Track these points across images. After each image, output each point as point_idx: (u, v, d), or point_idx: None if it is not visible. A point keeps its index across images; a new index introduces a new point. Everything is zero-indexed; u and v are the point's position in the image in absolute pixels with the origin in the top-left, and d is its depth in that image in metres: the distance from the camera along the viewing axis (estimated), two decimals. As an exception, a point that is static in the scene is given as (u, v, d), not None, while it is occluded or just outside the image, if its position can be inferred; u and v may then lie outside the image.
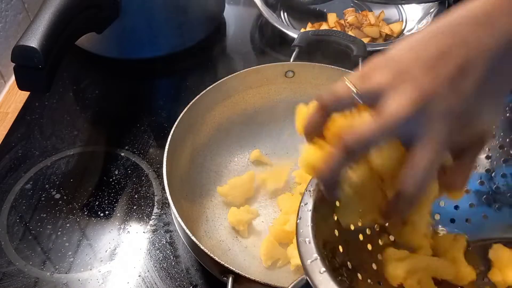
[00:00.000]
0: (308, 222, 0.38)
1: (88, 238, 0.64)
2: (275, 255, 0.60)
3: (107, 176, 0.71)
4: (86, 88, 0.85)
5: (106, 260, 0.62)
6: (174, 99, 0.84)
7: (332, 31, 0.79)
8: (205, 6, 0.89)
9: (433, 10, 0.94)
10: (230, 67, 0.90)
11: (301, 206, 0.39)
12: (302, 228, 0.38)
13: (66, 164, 0.73)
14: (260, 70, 0.71)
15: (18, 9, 0.86)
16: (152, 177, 0.71)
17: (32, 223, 0.65)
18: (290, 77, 0.72)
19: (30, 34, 0.60)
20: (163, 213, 0.67)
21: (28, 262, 0.61)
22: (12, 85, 0.85)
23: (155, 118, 0.79)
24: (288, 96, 0.74)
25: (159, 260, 0.62)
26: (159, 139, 0.76)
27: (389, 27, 0.93)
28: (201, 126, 0.69)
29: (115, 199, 0.68)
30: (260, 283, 0.49)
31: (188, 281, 0.60)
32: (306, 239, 0.37)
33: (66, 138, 0.76)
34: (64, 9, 0.63)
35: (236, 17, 1.01)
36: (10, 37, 0.84)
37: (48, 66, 0.60)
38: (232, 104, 0.72)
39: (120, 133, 0.77)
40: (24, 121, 0.79)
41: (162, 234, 0.65)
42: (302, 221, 0.38)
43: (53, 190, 0.69)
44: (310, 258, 0.35)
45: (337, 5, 1.00)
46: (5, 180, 0.70)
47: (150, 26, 0.83)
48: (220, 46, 0.95)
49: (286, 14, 0.99)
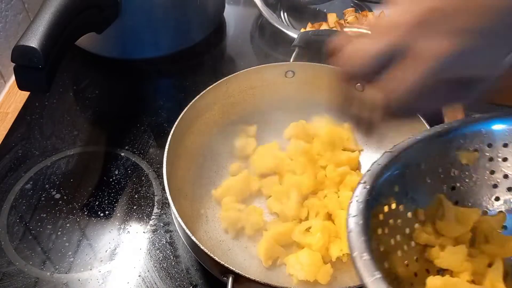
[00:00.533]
0: (362, 236, 0.36)
1: (88, 238, 0.64)
2: (274, 254, 0.60)
3: (107, 176, 0.71)
4: (86, 88, 0.85)
5: (106, 260, 0.62)
6: (174, 99, 0.84)
7: (332, 31, 0.79)
8: (205, 6, 0.89)
9: (433, 10, 0.93)
10: (230, 67, 0.90)
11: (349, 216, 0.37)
12: (355, 241, 0.35)
13: (66, 164, 0.73)
14: (260, 70, 0.71)
15: (18, 9, 0.86)
16: (152, 177, 0.71)
17: (32, 223, 0.65)
18: (290, 77, 0.72)
19: (30, 34, 0.60)
20: (163, 213, 0.67)
21: (28, 262, 0.61)
22: (12, 85, 0.85)
23: (155, 118, 0.79)
24: (288, 96, 0.74)
25: (159, 260, 0.62)
26: (159, 139, 0.76)
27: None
28: (201, 126, 0.69)
29: (115, 199, 0.68)
30: (260, 283, 0.49)
31: (188, 281, 0.60)
32: (362, 254, 0.34)
33: (66, 138, 0.76)
34: (64, 9, 0.63)
35: (236, 17, 1.01)
36: (10, 37, 0.84)
37: (48, 66, 0.60)
38: (232, 104, 0.72)
39: (120, 133, 0.77)
40: (24, 121, 0.79)
41: (162, 234, 0.65)
42: (355, 234, 0.36)
43: (53, 190, 0.69)
44: (371, 276, 0.33)
45: (337, 5, 1.00)
46: (5, 180, 0.70)
47: (150, 26, 0.83)
48: (220, 46, 0.95)
49: (286, 14, 0.99)
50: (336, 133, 0.70)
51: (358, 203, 0.38)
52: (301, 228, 0.60)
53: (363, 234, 0.36)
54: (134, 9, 0.79)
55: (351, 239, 0.36)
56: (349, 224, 0.37)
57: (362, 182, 0.40)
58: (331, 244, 0.60)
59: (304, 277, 0.57)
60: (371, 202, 0.39)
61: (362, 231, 0.36)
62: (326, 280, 0.57)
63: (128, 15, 0.79)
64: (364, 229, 0.36)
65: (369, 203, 0.38)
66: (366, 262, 0.34)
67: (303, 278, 0.57)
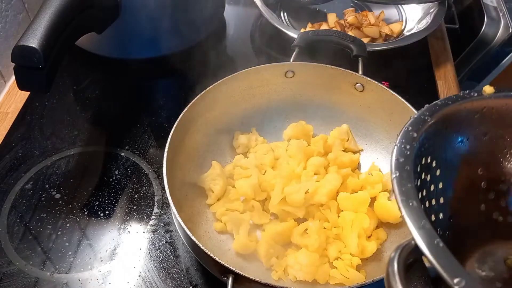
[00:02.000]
0: (409, 182, 0.34)
1: (88, 238, 0.64)
2: (274, 253, 0.60)
3: (107, 176, 0.71)
4: (86, 88, 0.85)
5: (106, 260, 0.62)
6: (174, 99, 0.84)
7: (332, 31, 0.79)
8: (205, 6, 0.89)
9: (433, 10, 0.94)
10: (230, 67, 0.90)
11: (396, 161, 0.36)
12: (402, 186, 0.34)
13: (66, 164, 0.73)
14: (260, 70, 0.71)
15: (18, 9, 0.86)
16: (152, 177, 0.71)
17: (32, 223, 0.65)
18: (290, 77, 0.72)
19: (30, 34, 0.60)
20: (163, 213, 0.67)
21: (28, 262, 0.61)
22: (12, 85, 0.86)
23: (155, 118, 0.80)
24: (288, 96, 0.74)
25: (159, 260, 0.62)
26: (159, 139, 0.76)
27: (389, 27, 0.93)
28: (201, 126, 0.69)
29: (115, 199, 0.68)
30: (260, 283, 0.49)
31: (188, 281, 0.60)
32: (411, 201, 0.33)
33: (66, 138, 0.76)
34: (64, 9, 0.63)
35: (236, 17, 1.01)
36: (10, 37, 0.84)
37: (48, 66, 0.60)
38: (232, 104, 0.72)
39: (120, 133, 0.77)
40: (24, 121, 0.79)
41: (162, 234, 0.65)
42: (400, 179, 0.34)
43: (53, 190, 0.69)
44: (419, 227, 0.32)
45: (337, 5, 1.00)
46: (5, 180, 0.70)
47: (150, 26, 0.83)
48: (220, 46, 0.95)
49: (286, 14, 0.99)
50: None
51: (405, 149, 0.37)
52: (300, 229, 0.61)
53: (410, 180, 0.35)
54: (134, 9, 0.79)
55: (398, 185, 0.34)
56: (395, 169, 0.35)
57: (407, 127, 0.39)
58: (329, 245, 0.60)
59: (303, 277, 0.57)
60: (416, 150, 0.38)
61: (409, 177, 0.35)
62: (325, 280, 0.57)
63: (128, 15, 0.79)
64: (412, 175, 0.35)
65: (415, 149, 0.38)
66: (414, 210, 0.33)
67: (302, 278, 0.57)
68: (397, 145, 0.38)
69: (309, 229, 0.60)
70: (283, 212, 0.63)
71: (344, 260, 0.59)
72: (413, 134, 0.39)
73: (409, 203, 0.33)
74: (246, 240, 0.60)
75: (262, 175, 0.66)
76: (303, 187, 0.61)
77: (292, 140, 0.69)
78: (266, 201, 0.65)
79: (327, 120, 0.74)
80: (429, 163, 0.41)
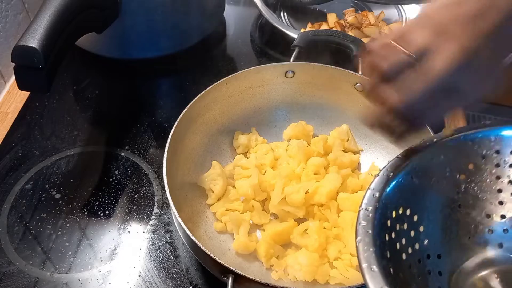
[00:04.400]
0: (371, 246, 0.36)
1: (88, 238, 0.64)
2: (274, 254, 0.60)
3: (107, 176, 0.71)
4: (86, 88, 0.85)
5: (106, 260, 0.62)
6: (174, 99, 0.84)
7: (332, 31, 0.79)
8: (205, 6, 0.89)
9: (433, 10, 0.93)
10: (230, 67, 0.90)
11: (359, 226, 0.37)
12: (364, 252, 0.36)
13: (66, 164, 0.73)
14: (260, 70, 0.71)
15: (18, 9, 0.86)
16: (152, 177, 0.71)
17: (32, 223, 0.65)
18: (290, 77, 0.72)
19: (30, 34, 0.60)
20: (163, 213, 0.67)
21: (28, 262, 0.61)
22: (12, 85, 0.86)
23: (155, 118, 0.80)
24: (288, 96, 0.74)
25: (159, 260, 0.62)
26: (159, 139, 0.76)
27: (389, 27, 0.93)
28: (201, 126, 0.69)
29: (115, 199, 0.68)
30: (260, 283, 0.49)
31: (188, 281, 0.60)
32: (372, 266, 0.35)
33: (66, 138, 0.76)
34: (64, 9, 0.63)
35: (236, 17, 1.01)
36: (10, 37, 0.84)
37: (48, 66, 0.60)
38: (232, 104, 0.72)
39: (120, 133, 0.77)
40: (24, 121, 0.79)
41: (162, 234, 0.65)
42: (363, 244, 0.36)
43: (53, 190, 0.69)
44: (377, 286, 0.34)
45: (337, 5, 1.00)
46: (5, 180, 0.70)
47: (150, 26, 0.83)
48: (220, 46, 0.95)
49: (286, 14, 0.99)
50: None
51: (367, 211, 0.38)
52: (300, 229, 0.61)
53: (372, 244, 0.36)
54: (134, 9, 0.79)
55: (361, 250, 0.36)
56: (358, 233, 0.37)
57: (371, 188, 0.40)
58: (329, 245, 0.60)
59: (303, 277, 0.57)
60: (380, 210, 0.39)
61: (372, 241, 0.36)
62: (325, 280, 0.57)
63: (128, 15, 0.79)
64: (374, 239, 0.36)
65: (378, 210, 0.38)
66: (374, 275, 0.34)
67: (302, 278, 0.57)
68: (361, 209, 0.39)
69: (309, 229, 0.60)
70: (283, 212, 0.63)
71: (344, 260, 0.59)
72: (375, 194, 0.40)
73: (370, 268, 0.35)
74: (246, 240, 0.60)
75: (262, 175, 0.66)
76: (303, 187, 0.62)
77: (292, 140, 0.70)
78: (266, 201, 0.65)
79: (327, 120, 0.74)
80: (402, 213, 0.42)
